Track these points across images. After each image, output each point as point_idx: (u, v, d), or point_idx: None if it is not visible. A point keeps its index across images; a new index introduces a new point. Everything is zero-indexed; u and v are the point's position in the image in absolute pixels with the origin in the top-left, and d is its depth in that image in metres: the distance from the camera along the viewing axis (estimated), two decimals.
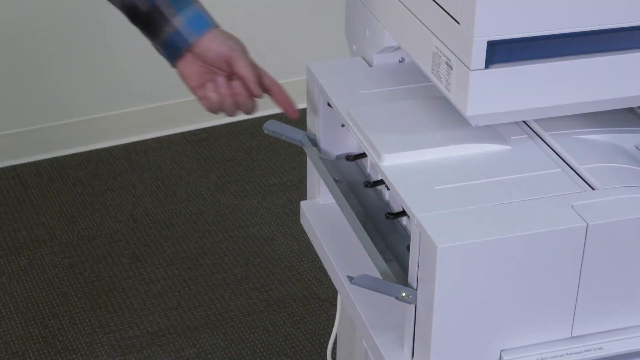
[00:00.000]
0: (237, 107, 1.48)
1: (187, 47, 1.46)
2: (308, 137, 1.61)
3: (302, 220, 1.71)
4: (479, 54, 1.26)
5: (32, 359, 2.50)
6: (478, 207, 1.27)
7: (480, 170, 1.35)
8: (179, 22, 1.45)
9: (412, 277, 1.29)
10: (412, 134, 1.41)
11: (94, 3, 3.22)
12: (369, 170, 1.56)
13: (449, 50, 1.31)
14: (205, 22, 1.46)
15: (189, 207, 3.07)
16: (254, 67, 1.48)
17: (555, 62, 1.30)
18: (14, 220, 3.02)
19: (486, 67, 1.27)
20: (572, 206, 1.27)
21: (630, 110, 1.48)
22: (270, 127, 1.59)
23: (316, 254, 2.58)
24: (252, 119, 3.48)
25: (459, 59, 1.29)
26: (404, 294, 1.29)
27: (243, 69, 1.46)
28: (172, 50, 1.47)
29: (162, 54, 1.50)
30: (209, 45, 1.46)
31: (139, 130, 3.42)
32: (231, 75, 1.48)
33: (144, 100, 3.41)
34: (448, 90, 1.33)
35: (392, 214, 1.42)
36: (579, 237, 1.24)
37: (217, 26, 1.48)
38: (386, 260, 1.36)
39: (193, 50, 1.46)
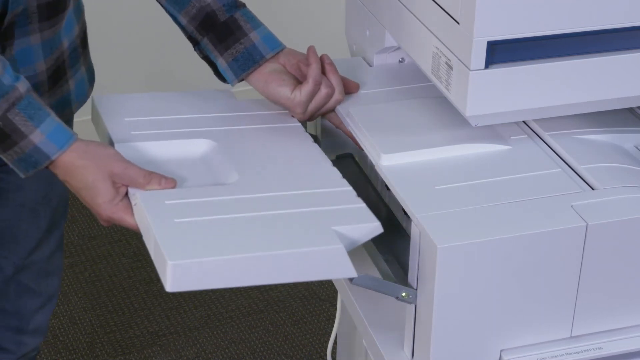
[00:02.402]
0: (327, 99, 1.51)
1: (262, 62, 1.51)
2: None
3: None
4: (479, 54, 1.26)
5: None
6: (478, 207, 1.27)
7: (480, 170, 1.35)
8: (255, 37, 1.51)
9: (412, 277, 1.29)
10: (412, 134, 1.41)
11: (93, 4, 3.22)
12: (369, 170, 1.56)
13: (449, 50, 1.31)
14: (278, 42, 1.53)
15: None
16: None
17: (555, 62, 1.30)
18: None
19: (486, 67, 1.27)
20: (572, 206, 1.27)
21: (630, 110, 1.48)
22: None
23: None
24: None
25: (458, 59, 1.29)
26: (404, 294, 1.29)
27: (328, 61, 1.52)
28: (244, 63, 1.51)
29: (223, 69, 1.53)
30: (290, 54, 1.53)
31: None
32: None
33: None
34: (448, 90, 1.33)
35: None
36: (579, 237, 1.24)
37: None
38: (386, 261, 1.36)
39: (280, 62, 1.52)
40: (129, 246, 2.90)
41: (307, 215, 1.29)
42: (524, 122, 1.45)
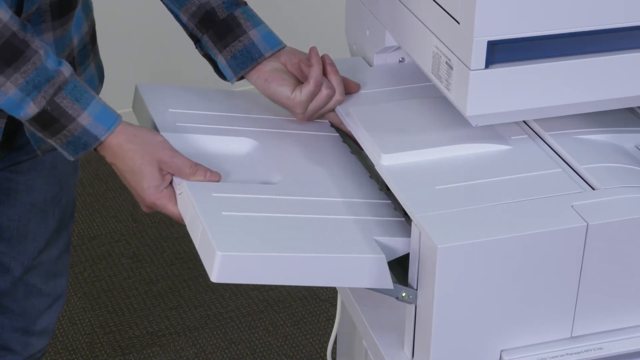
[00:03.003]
0: (328, 100, 1.50)
1: (261, 60, 1.51)
2: None
3: None
4: (479, 54, 1.26)
5: None
6: (478, 207, 1.27)
7: (480, 170, 1.35)
8: (255, 35, 1.51)
9: (412, 277, 1.29)
10: (412, 134, 1.41)
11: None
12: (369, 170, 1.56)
13: (449, 50, 1.31)
14: (278, 41, 1.53)
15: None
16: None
17: (555, 62, 1.30)
18: None
19: (486, 67, 1.27)
20: (572, 206, 1.27)
21: (630, 110, 1.48)
22: None
23: None
24: None
25: (459, 59, 1.29)
26: (404, 294, 1.29)
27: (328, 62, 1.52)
28: (243, 60, 1.51)
29: (223, 67, 1.53)
30: (291, 53, 1.53)
31: None
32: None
33: None
34: (448, 90, 1.33)
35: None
36: (579, 237, 1.24)
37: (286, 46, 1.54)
38: None
39: (281, 61, 1.52)
40: (129, 246, 2.89)
41: (348, 222, 1.32)
42: (524, 122, 1.45)
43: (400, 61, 1.63)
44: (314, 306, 2.67)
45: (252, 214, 1.29)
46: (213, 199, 1.31)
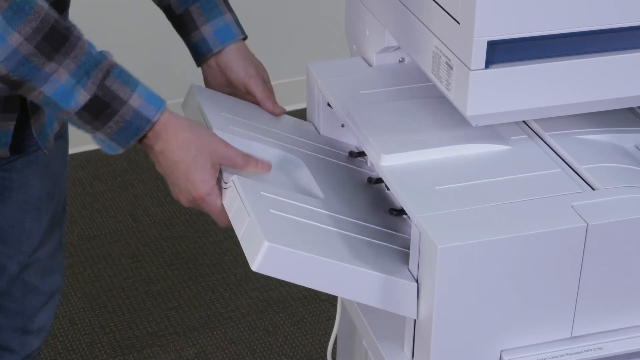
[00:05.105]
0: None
1: (210, 56, 1.54)
2: None
3: None
4: (479, 54, 1.26)
5: None
6: (478, 207, 1.27)
7: (480, 170, 1.35)
8: (207, 30, 1.53)
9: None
10: (412, 134, 1.41)
11: (93, 3, 3.22)
12: (369, 168, 1.56)
13: (449, 50, 1.31)
14: (231, 35, 1.54)
15: (188, 207, 3.07)
16: (267, 90, 1.58)
17: (555, 62, 1.30)
18: None
19: (486, 67, 1.27)
20: (572, 206, 1.27)
21: (630, 110, 1.48)
22: None
23: None
24: None
25: (459, 58, 1.29)
26: None
27: (258, 94, 1.56)
28: (196, 54, 1.56)
29: (191, 53, 1.59)
30: (232, 65, 1.55)
31: None
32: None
33: None
34: (448, 90, 1.33)
35: (396, 209, 1.43)
36: (579, 237, 1.24)
37: (243, 38, 1.56)
38: None
39: (217, 62, 1.55)
40: (129, 246, 2.90)
41: (386, 249, 1.33)
42: (524, 122, 1.45)
43: (400, 61, 1.63)
44: (314, 306, 2.67)
45: (298, 218, 1.31)
46: (261, 197, 1.32)
